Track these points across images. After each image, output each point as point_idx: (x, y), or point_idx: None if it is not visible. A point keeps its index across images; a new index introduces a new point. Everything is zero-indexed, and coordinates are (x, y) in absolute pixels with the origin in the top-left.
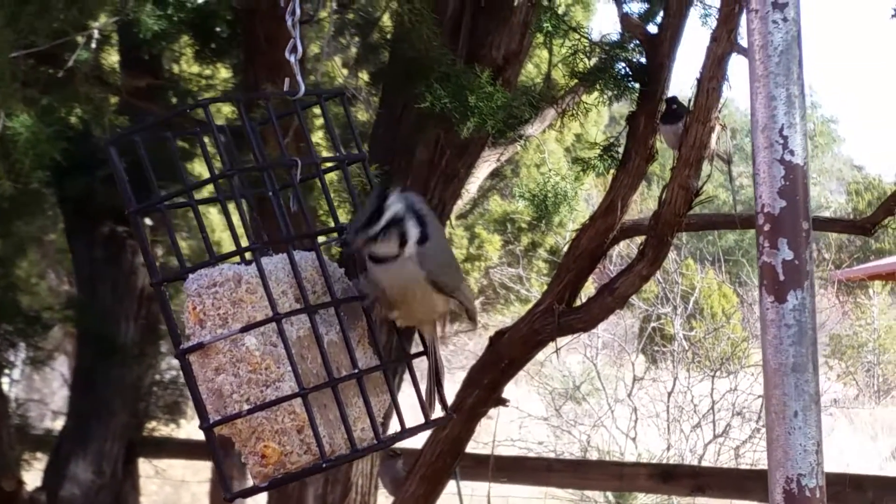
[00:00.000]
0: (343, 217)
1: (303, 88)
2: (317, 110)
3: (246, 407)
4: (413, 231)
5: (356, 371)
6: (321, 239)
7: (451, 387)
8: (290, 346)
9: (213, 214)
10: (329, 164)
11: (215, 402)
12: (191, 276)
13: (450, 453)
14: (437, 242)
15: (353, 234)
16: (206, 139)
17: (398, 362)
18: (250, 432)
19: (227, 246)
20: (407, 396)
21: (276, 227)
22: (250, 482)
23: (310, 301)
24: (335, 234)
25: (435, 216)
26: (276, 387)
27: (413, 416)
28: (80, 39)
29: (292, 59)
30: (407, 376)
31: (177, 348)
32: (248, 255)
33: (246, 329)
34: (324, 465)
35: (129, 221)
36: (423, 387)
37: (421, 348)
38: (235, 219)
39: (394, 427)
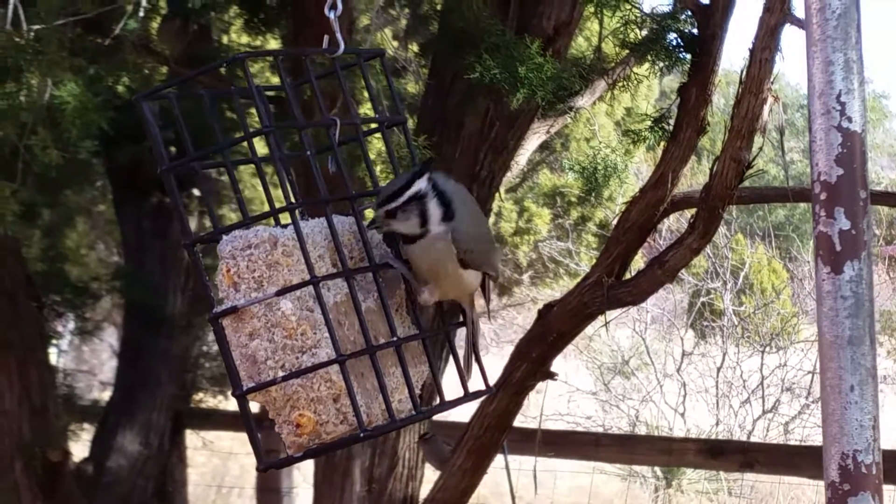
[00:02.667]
0: (383, 181)
1: (342, 46)
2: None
3: (281, 374)
4: (435, 210)
5: (395, 339)
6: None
7: (499, 361)
8: (327, 311)
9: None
10: (370, 127)
11: (249, 369)
12: (225, 237)
13: (497, 427)
14: (468, 219)
15: (376, 207)
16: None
17: (438, 332)
18: (285, 400)
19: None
20: (450, 372)
21: (314, 190)
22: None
23: (348, 265)
24: (373, 199)
25: (468, 194)
26: (313, 353)
27: (458, 389)
28: (129, 7)
29: (332, 15)
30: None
31: (210, 311)
32: (283, 219)
33: (282, 293)
34: (361, 436)
35: (162, 180)
36: (462, 358)
37: (461, 318)
38: (273, 182)
39: (434, 401)
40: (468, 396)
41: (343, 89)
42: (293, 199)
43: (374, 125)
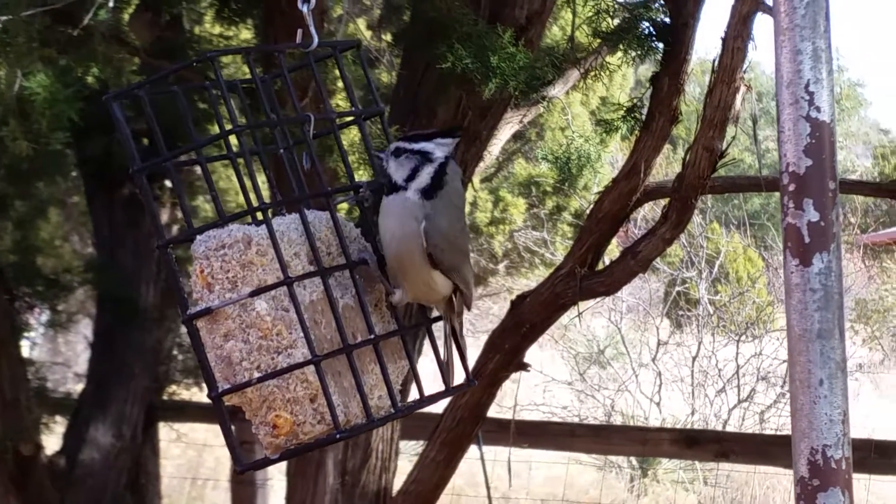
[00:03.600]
0: (359, 176)
1: (316, 40)
2: (336, 71)
3: (256, 375)
4: (425, 176)
5: (372, 336)
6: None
7: (474, 351)
8: (301, 311)
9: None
10: (345, 120)
11: (224, 370)
12: (199, 237)
13: (470, 419)
14: (445, 214)
15: (398, 139)
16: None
17: (417, 327)
18: (261, 401)
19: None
20: (429, 361)
21: (289, 186)
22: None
23: (323, 263)
24: (351, 193)
25: (460, 194)
26: (288, 353)
27: (434, 382)
28: None
29: (305, 8)
30: (427, 343)
31: (183, 313)
32: (260, 216)
33: (256, 293)
34: (338, 436)
35: (134, 180)
36: (442, 353)
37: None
38: (247, 178)
39: (413, 395)
40: (448, 391)
41: (318, 83)
42: (266, 197)
43: (349, 118)
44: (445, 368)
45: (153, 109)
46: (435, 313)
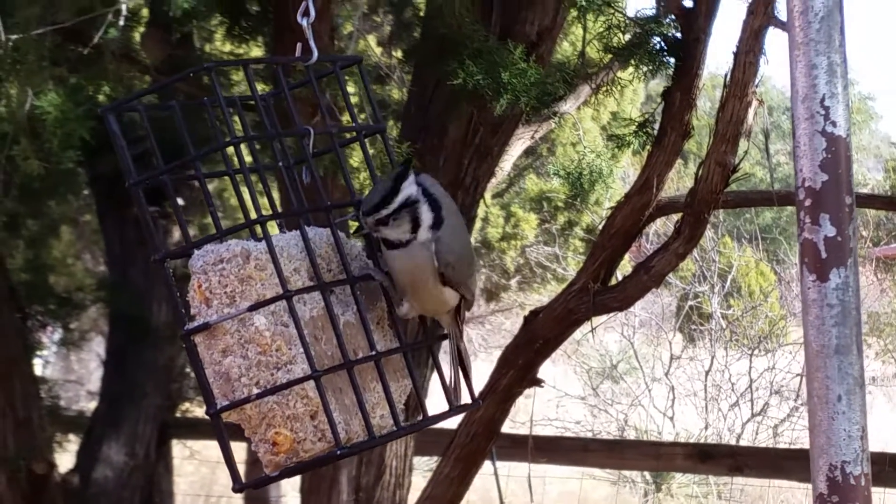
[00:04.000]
0: (362, 191)
1: (316, 54)
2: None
3: (255, 391)
4: (426, 216)
5: (373, 353)
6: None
7: (487, 367)
8: (301, 326)
9: (244, 193)
10: (347, 137)
11: (223, 387)
12: (196, 252)
13: (484, 435)
14: (452, 232)
15: (364, 215)
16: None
17: (420, 345)
18: (260, 418)
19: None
20: (436, 380)
21: (291, 201)
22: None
23: (323, 279)
24: (351, 209)
25: (453, 204)
26: (288, 369)
27: (442, 400)
28: (109, 16)
29: (304, 22)
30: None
31: (181, 329)
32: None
33: (255, 308)
34: (339, 453)
35: (130, 194)
36: (446, 371)
37: (444, 331)
38: (247, 193)
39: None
40: (453, 410)
41: (318, 97)
42: (265, 211)
43: (353, 133)
44: (451, 387)
45: (154, 126)
46: (438, 332)
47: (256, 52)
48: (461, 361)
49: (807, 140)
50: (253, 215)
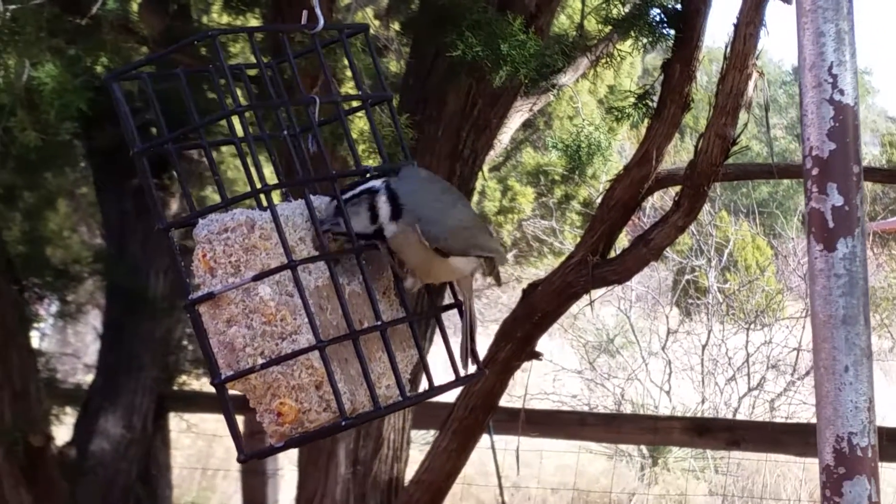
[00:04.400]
0: (369, 163)
1: (322, 21)
2: (345, 58)
3: (260, 361)
4: (384, 207)
5: (379, 323)
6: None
7: (484, 340)
8: (306, 296)
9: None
10: (354, 106)
11: (227, 357)
12: (201, 221)
13: (482, 408)
14: (435, 210)
15: (325, 209)
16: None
17: (426, 315)
18: (265, 388)
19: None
20: (440, 349)
21: (297, 171)
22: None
23: (328, 248)
24: (358, 177)
25: (439, 182)
26: (293, 339)
27: (445, 371)
28: None
29: None
30: (438, 332)
31: (185, 298)
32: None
33: (259, 277)
34: (344, 424)
35: (134, 163)
36: (454, 342)
37: (451, 300)
38: (251, 162)
39: (423, 384)
40: (459, 381)
41: (323, 66)
42: (270, 181)
43: (357, 103)
44: (461, 358)
45: (158, 97)
46: (445, 302)
47: (254, 23)
48: (471, 331)
49: (814, 108)
50: (258, 183)
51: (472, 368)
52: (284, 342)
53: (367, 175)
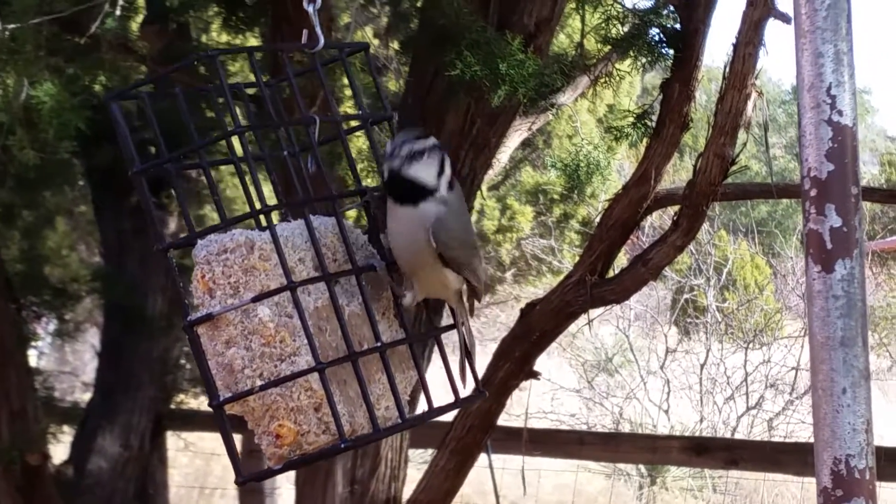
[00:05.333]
0: (368, 182)
1: (322, 41)
2: (344, 77)
3: (259, 383)
4: (448, 168)
5: (378, 344)
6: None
7: (483, 359)
8: (305, 318)
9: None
10: (353, 125)
11: (226, 378)
12: (200, 242)
13: (480, 427)
14: (453, 214)
15: (399, 146)
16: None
17: (426, 336)
18: (264, 410)
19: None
20: (438, 370)
21: (297, 191)
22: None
23: (328, 269)
24: (358, 199)
25: (460, 190)
26: (292, 361)
27: (444, 392)
28: (106, 6)
29: (310, 9)
30: (436, 352)
31: (184, 320)
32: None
33: (258, 299)
34: (342, 446)
35: (133, 183)
36: (453, 362)
37: (450, 321)
38: (250, 182)
39: (422, 405)
40: (458, 402)
41: (323, 85)
42: (270, 201)
43: (357, 122)
44: (461, 374)
45: (157, 116)
46: (444, 323)
47: (253, 42)
48: (467, 350)
49: (812, 129)
50: (258, 205)
51: (470, 387)
52: (283, 364)
53: (366, 197)
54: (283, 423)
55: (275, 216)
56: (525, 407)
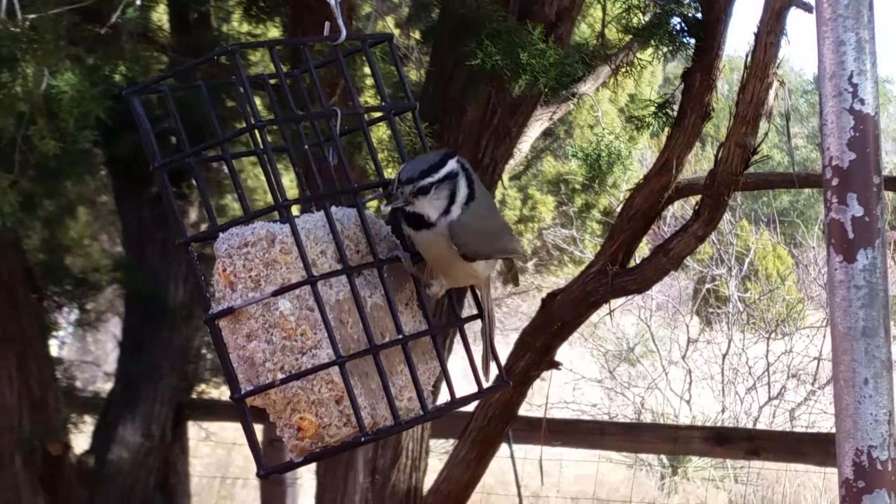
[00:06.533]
0: (389, 173)
1: (344, 33)
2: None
3: (280, 376)
4: (462, 190)
5: (400, 336)
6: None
7: (504, 349)
8: (325, 311)
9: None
10: (374, 116)
11: (247, 371)
12: (221, 235)
13: (501, 417)
14: (471, 213)
15: (404, 183)
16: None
17: (448, 327)
18: (285, 403)
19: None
20: (460, 359)
21: (319, 181)
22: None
23: (350, 261)
24: (380, 189)
25: (479, 181)
26: (313, 354)
27: (466, 382)
28: None
29: (332, 0)
30: (458, 342)
31: (205, 313)
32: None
33: (279, 292)
34: (363, 439)
35: (154, 177)
36: (476, 352)
37: (473, 311)
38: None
39: (444, 395)
40: (482, 392)
41: (345, 77)
42: (290, 192)
43: (379, 113)
44: (483, 366)
45: (178, 106)
46: (465, 314)
47: (274, 32)
48: (490, 341)
49: (834, 118)
50: (279, 198)
51: (493, 376)
52: (304, 357)
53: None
54: (304, 416)
55: (298, 209)
56: (546, 397)
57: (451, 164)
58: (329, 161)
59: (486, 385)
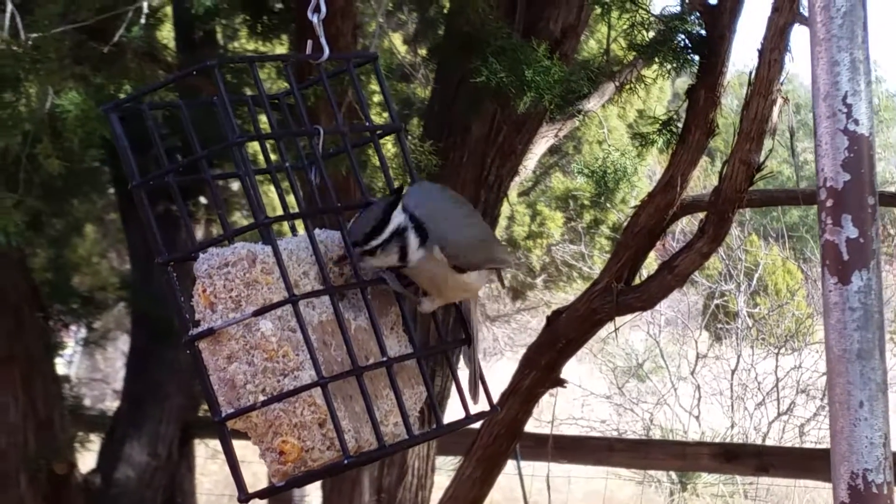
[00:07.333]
0: (377, 192)
1: (327, 52)
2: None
3: (261, 398)
4: (413, 242)
5: (384, 359)
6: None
7: (513, 366)
8: (307, 332)
9: (272, 193)
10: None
11: (228, 394)
12: (201, 255)
13: (507, 435)
14: (451, 228)
15: (352, 247)
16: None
17: (434, 351)
18: (267, 426)
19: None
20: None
21: (318, 200)
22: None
23: (332, 282)
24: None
25: (448, 197)
26: (295, 376)
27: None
28: (130, 14)
29: (315, 19)
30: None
31: (185, 335)
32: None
33: (260, 312)
34: (346, 463)
35: (133, 197)
36: (462, 377)
37: (461, 336)
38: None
39: (458, 412)
40: (469, 419)
41: (328, 96)
42: (280, 211)
43: (375, 132)
44: (471, 387)
45: (177, 125)
46: (451, 337)
47: (280, 49)
48: (474, 367)
49: (828, 139)
50: (280, 212)
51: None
52: (286, 379)
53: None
54: (286, 440)
55: (289, 228)
56: (552, 414)
57: (398, 219)
58: (311, 180)
59: (472, 409)
